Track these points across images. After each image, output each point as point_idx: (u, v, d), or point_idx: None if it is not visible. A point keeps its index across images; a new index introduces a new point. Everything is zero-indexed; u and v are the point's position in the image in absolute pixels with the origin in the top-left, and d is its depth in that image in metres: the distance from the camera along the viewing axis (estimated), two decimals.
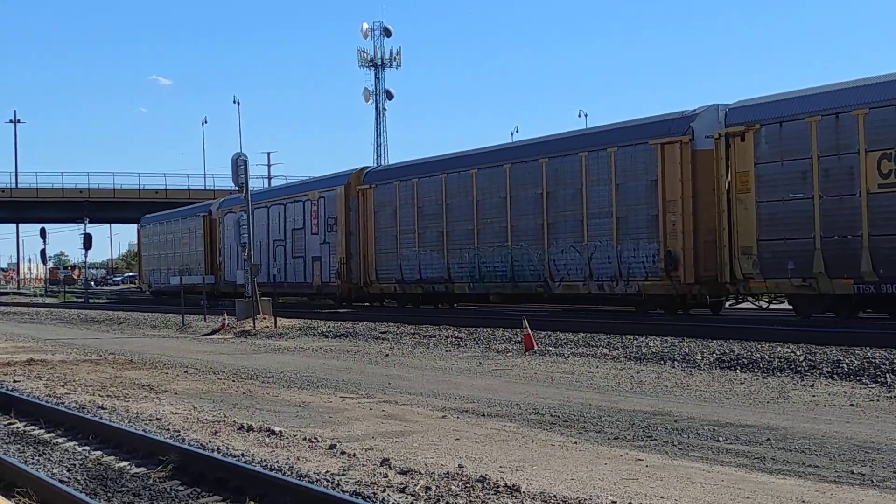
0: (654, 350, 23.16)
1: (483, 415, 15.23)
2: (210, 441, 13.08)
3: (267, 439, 13.25)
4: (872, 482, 10.09)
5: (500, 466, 11.18)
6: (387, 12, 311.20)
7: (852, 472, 10.52)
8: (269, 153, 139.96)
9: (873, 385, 17.24)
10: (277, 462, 11.45)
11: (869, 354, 20.01)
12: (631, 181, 33.37)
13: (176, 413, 15.97)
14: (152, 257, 75.10)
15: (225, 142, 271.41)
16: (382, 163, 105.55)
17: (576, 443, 12.72)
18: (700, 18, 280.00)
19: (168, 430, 14.21)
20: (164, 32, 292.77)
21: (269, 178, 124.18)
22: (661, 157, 32.27)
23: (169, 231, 70.52)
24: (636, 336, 26.22)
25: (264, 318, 37.37)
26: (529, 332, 25.26)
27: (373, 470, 11.00)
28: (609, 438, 13.00)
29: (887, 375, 17.74)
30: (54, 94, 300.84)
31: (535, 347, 24.76)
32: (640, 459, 11.52)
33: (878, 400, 15.79)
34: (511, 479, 10.25)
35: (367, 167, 50.21)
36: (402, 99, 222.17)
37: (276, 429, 13.84)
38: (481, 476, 10.35)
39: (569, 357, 23.23)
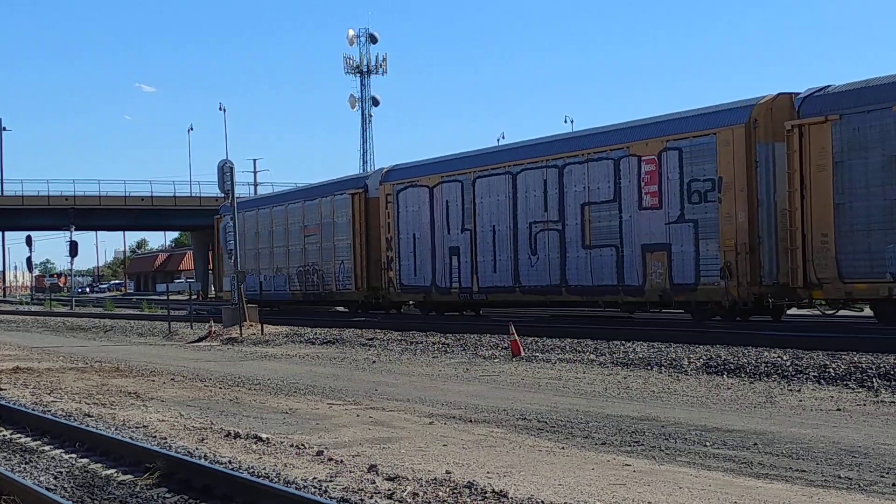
0: (640, 355, 23.19)
1: (470, 421, 15.22)
2: (197, 448, 13.05)
3: (254, 446, 13.22)
4: (860, 486, 10.10)
5: (488, 472, 11.17)
6: (373, 19, 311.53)
7: (839, 477, 10.53)
8: (255, 160, 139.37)
9: (860, 390, 17.28)
10: (265, 469, 11.43)
11: (856, 359, 20.05)
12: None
13: (163, 420, 15.93)
14: (244, 255, 57.34)
15: (211, 148, 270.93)
16: (368, 169, 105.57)
17: (563, 448, 12.71)
18: (691, 20, 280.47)
19: (155, 437, 14.17)
20: (147, 40, 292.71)
21: (256, 184, 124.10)
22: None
23: (281, 218, 54.43)
24: (623, 341, 26.26)
25: (251, 325, 37.36)
26: (516, 338, 25.27)
27: (360, 476, 10.98)
28: (596, 444, 13.00)
29: (874, 380, 17.79)
30: (39, 101, 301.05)
31: (522, 353, 24.77)
32: (627, 465, 11.52)
33: (864, 404, 15.82)
34: (499, 485, 10.24)
35: None
36: (389, 105, 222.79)
37: (264, 436, 13.81)
38: (469, 482, 10.34)
39: (556, 363, 23.24)
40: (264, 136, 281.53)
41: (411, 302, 46.70)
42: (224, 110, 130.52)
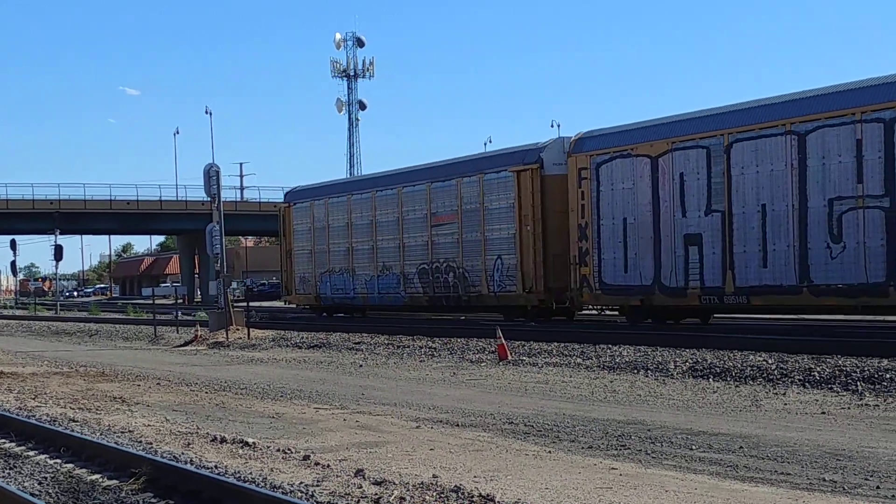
0: (627, 359, 23.22)
1: (457, 425, 15.23)
2: (183, 453, 13.03)
3: (240, 451, 13.21)
4: (844, 489, 10.13)
5: (475, 476, 11.18)
6: (360, 23, 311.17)
7: (824, 480, 10.56)
8: (241, 164, 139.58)
9: (844, 393, 17.33)
10: (251, 474, 11.42)
11: (840, 363, 20.12)
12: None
13: (148, 425, 15.91)
14: (324, 252, 49.89)
15: (197, 152, 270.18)
16: (356, 173, 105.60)
17: (550, 452, 12.73)
18: (680, 25, 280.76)
19: (140, 442, 14.15)
20: (132, 43, 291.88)
21: (242, 188, 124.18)
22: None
23: (389, 206, 45.49)
24: (609, 346, 26.29)
25: (237, 330, 37.28)
26: (503, 342, 25.29)
27: (347, 481, 10.98)
28: (583, 447, 13.02)
29: (858, 383, 17.84)
30: (23, 105, 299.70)
31: (509, 357, 24.78)
32: (613, 468, 11.54)
33: (849, 408, 15.86)
34: (485, 489, 10.25)
35: None
36: (376, 109, 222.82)
37: (250, 440, 13.80)
38: (456, 486, 10.35)
39: (542, 367, 23.26)
40: (251, 139, 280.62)
41: (607, 308, 38.50)
42: (210, 114, 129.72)
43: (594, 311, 39.91)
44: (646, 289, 33.14)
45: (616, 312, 37.81)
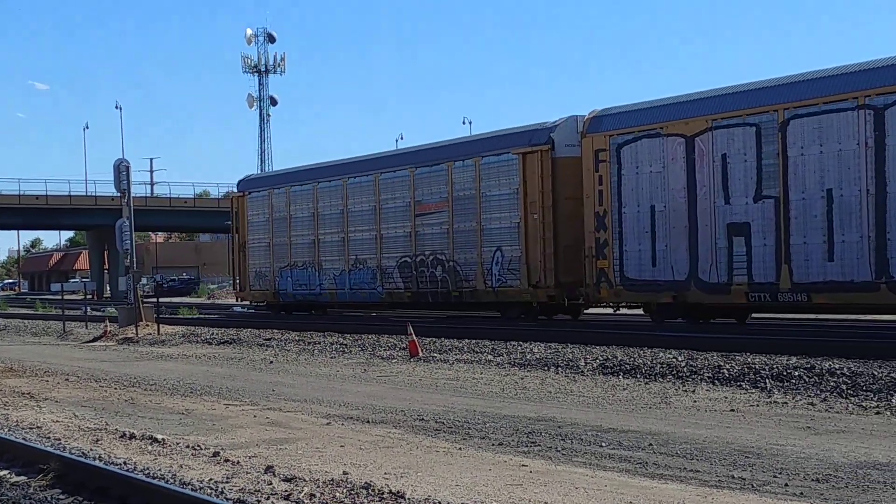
0: (538, 356, 23.31)
1: (368, 421, 15.20)
2: (92, 449, 12.88)
3: (149, 447, 13.09)
4: (752, 486, 10.24)
5: (385, 473, 11.16)
6: (271, 18, 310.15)
7: (733, 477, 10.67)
8: (151, 159, 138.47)
9: (753, 390, 17.52)
10: (160, 470, 11.31)
11: (749, 360, 20.34)
12: None
13: (57, 421, 15.71)
14: (284, 245, 46.54)
15: (107, 147, 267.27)
16: (267, 169, 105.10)
17: (460, 449, 12.74)
18: (586, 18, 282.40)
19: (49, 438, 13.97)
20: (40, 38, 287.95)
21: (152, 184, 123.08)
22: None
23: (363, 195, 42.28)
24: (520, 342, 26.39)
25: (147, 325, 36.94)
26: (414, 338, 25.29)
27: (257, 477, 10.91)
28: (493, 444, 13.04)
29: (766, 381, 18.05)
30: None
31: (420, 354, 24.79)
32: (524, 465, 11.57)
33: (757, 405, 16.04)
34: (396, 486, 10.24)
35: None
36: (287, 104, 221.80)
37: (159, 436, 13.67)
38: (366, 483, 10.32)
39: (453, 363, 23.29)
40: (162, 135, 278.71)
41: (628, 305, 34.07)
42: (120, 109, 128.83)
43: (609, 310, 36.23)
44: (679, 284, 30.03)
45: (637, 310, 34.00)
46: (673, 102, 30.97)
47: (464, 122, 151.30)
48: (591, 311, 37.62)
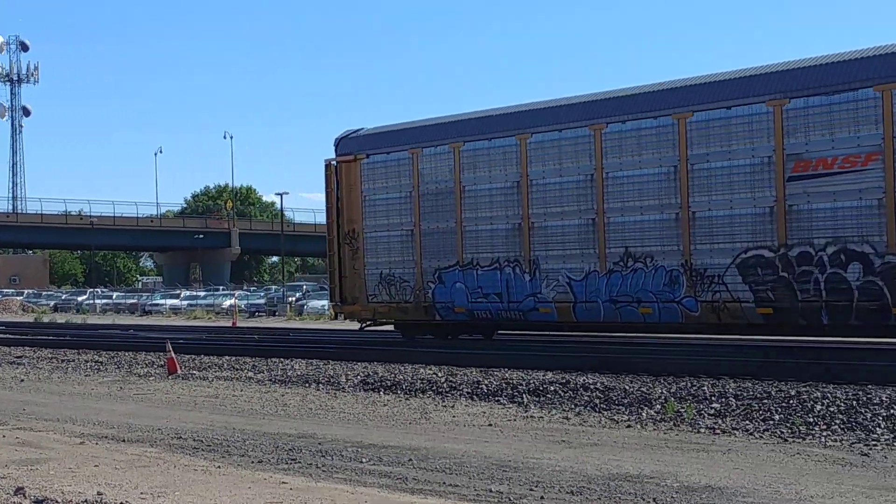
0: (299, 373, 23.23)
1: (123, 440, 14.85)
2: None
3: None
4: (510, 500, 10.35)
5: (142, 493, 10.90)
6: (23, 27, 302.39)
7: (490, 491, 10.77)
8: None
9: (510, 405, 17.78)
10: None
11: (507, 375, 20.69)
12: None
13: None
14: (447, 235, 31.50)
15: None
16: (19, 182, 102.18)
17: (219, 467, 12.55)
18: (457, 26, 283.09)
19: None
20: None
21: None
22: None
23: (633, 145, 27.48)
24: (282, 359, 26.25)
25: None
26: (173, 355, 24.90)
27: (6, 500, 10.52)
28: (253, 462, 12.89)
29: (524, 395, 18.37)
30: None
31: (179, 371, 24.42)
32: (284, 482, 11.46)
33: (515, 419, 16.27)
34: None
35: None
36: (42, 116, 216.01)
37: None
38: (121, 503, 10.07)
39: (213, 381, 23.01)
40: None
41: None
42: None
43: None
44: None
45: None
46: None
47: (224, 137, 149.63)
48: None
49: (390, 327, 33.89)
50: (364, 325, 34.28)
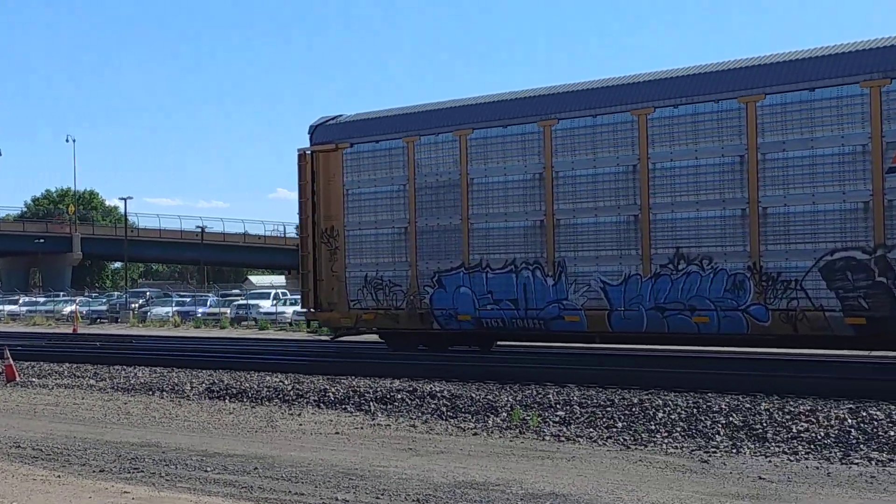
0: (142, 380, 22.91)
1: None
2: None
3: None
4: None
5: None
6: None
7: (336, 499, 10.73)
8: None
9: (357, 413, 17.75)
10: None
11: (354, 383, 20.67)
12: None
13: None
14: (451, 233, 28.46)
15: None
16: None
17: (59, 476, 12.29)
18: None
19: None
20: None
21: None
22: None
23: (686, 131, 24.58)
24: (124, 367, 25.87)
25: None
26: (11, 362, 24.36)
27: None
28: (94, 471, 12.65)
29: (371, 404, 18.35)
30: None
31: (18, 379, 23.88)
32: (126, 492, 11.27)
33: (362, 427, 16.24)
34: None
35: None
36: None
37: None
38: None
39: (53, 388, 22.55)
40: None
41: None
42: None
43: None
44: None
45: None
46: None
47: (67, 140, 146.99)
48: None
49: (365, 335, 31.16)
50: (337, 335, 30.90)
